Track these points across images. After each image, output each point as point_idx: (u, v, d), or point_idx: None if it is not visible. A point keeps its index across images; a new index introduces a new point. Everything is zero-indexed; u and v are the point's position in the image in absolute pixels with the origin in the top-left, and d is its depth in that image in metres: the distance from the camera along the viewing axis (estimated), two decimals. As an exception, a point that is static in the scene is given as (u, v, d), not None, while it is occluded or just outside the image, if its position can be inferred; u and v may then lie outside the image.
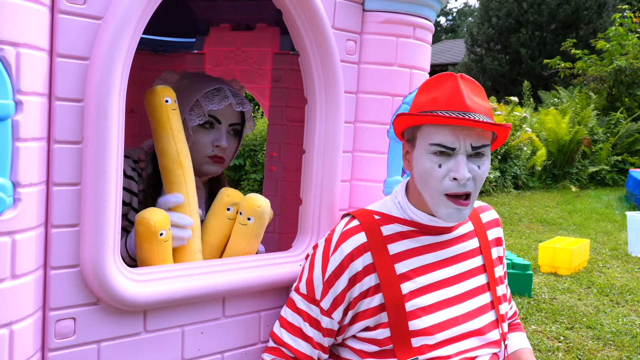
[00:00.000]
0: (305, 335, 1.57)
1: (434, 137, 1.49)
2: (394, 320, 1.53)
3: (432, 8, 1.88)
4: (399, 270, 1.55)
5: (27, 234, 1.21)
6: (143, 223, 1.59)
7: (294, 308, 1.60)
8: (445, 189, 1.50)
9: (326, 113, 1.72)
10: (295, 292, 1.61)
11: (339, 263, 1.54)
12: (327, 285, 1.56)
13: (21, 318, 1.22)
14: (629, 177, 9.92)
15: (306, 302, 1.58)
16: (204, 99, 1.91)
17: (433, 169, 1.49)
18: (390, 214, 1.61)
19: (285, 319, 1.60)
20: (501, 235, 1.79)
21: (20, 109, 1.16)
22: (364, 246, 1.54)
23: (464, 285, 1.64)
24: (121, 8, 1.30)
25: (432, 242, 1.61)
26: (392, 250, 1.56)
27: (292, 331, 1.58)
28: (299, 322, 1.58)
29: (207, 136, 1.93)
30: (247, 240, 1.75)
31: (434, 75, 1.59)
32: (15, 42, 1.14)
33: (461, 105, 1.47)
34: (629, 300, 4.95)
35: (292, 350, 1.57)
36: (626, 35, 13.13)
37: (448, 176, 1.49)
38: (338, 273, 1.55)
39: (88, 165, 1.30)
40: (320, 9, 1.63)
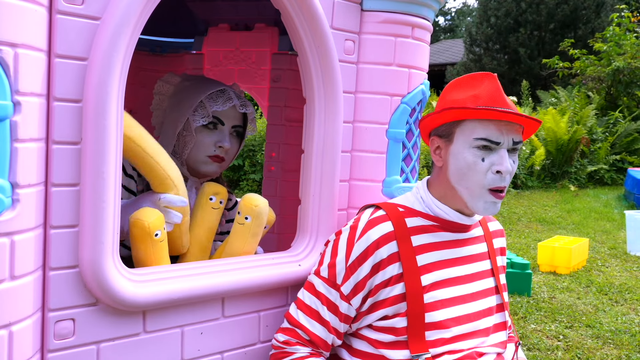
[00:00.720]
0: (322, 319, 1.58)
1: (478, 131, 1.53)
2: (413, 310, 1.55)
3: (431, 8, 1.88)
4: (420, 262, 1.58)
5: (25, 234, 1.21)
6: (137, 224, 1.59)
7: (312, 291, 1.61)
8: (488, 183, 1.54)
9: (325, 113, 1.72)
10: (315, 275, 1.62)
11: (364, 249, 1.56)
12: (350, 271, 1.57)
13: (20, 319, 1.21)
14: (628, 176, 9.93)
15: (326, 285, 1.59)
16: (208, 100, 1.92)
17: (476, 163, 1.54)
18: (413, 208, 1.65)
19: (303, 301, 1.61)
20: (504, 245, 1.84)
21: (18, 109, 1.16)
22: (390, 235, 1.57)
23: (475, 285, 1.67)
24: (119, 8, 1.29)
25: (451, 238, 1.65)
26: (415, 242, 1.59)
27: (309, 313, 1.59)
28: (317, 305, 1.59)
29: (210, 137, 1.93)
30: (245, 240, 1.75)
31: (465, 75, 1.64)
32: (13, 43, 1.14)
33: (503, 103, 1.54)
34: (628, 299, 4.95)
35: (308, 332, 1.58)
36: (624, 35, 13.12)
37: (491, 170, 1.54)
38: (362, 259, 1.56)
39: (87, 165, 1.29)
40: (319, 9, 1.63)
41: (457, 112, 1.55)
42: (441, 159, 1.62)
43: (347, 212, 1.83)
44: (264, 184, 2.80)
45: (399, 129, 1.82)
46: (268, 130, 2.73)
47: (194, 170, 1.99)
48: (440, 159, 1.62)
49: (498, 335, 1.68)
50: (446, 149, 1.60)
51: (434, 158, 1.64)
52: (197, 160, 1.95)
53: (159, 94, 2.05)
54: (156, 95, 2.06)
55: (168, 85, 2.04)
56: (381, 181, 1.83)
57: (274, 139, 2.73)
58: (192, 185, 2.01)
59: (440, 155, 1.62)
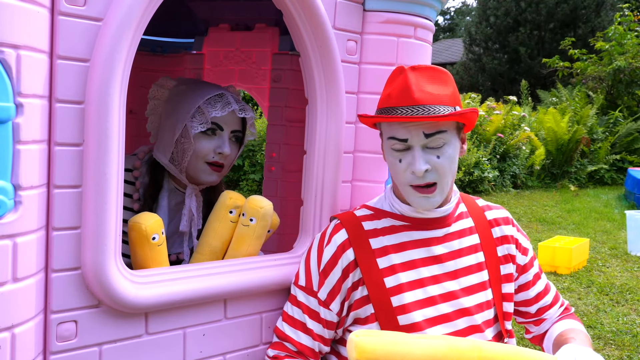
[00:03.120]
0: (306, 328, 1.59)
1: (387, 131, 1.58)
2: (382, 313, 1.55)
3: (433, 8, 1.88)
4: (382, 264, 1.58)
5: (28, 236, 1.20)
6: (135, 228, 1.59)
7: (294, 302, 1.63)
8: (408, 182, 1.56)
9: (327, 113, 1.71)
10: (294, 285, 1.64)
11: (333, 254, 1.59)
12: (323, 275, 1.59)
13: (23, 321, 1.21)
14: (628, 176, 9.92)
15: (305, 294, 1.61)
16: (206, 105, 1.87)
17: (395, 164, 1.57)
18: (382, 209, 1.66)
19: (287, 313, 1.63)
20: (511, 233, 1.76)
21: (20, 111, 1.16)
22: (346, 242, 1.59)
23: (460, 282, 1.63)
24: (121, 9, 1.29)
25: (424, 237, 1.62)
26: (375, 244, 1.59)
27: (292, 324, 1.61)
28: (299, 315, 1.61)
29: (209, 143, 1.89)
30: (249, 242, 1.75)
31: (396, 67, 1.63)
32: (16, 44, 1.13)
33: (409, 100, 1.52)
34: (629, 300, 4.95)
35: (295, 344, 1.59)
36: (626, 34, 13.12)
37: (408, 170, 1.55)
38: (332, 263, 1.58)
39: (89, 167, 1.29)
40: (321, 9, 1.63)
41: (362, 119, 1.62)
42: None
43: (349, 213, 1.82)
44: (264, 185, 2.80)
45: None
46: (268, 130, 2.73)
47: (192, 178, 1.94)
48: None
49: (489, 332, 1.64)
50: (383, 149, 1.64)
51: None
52: (197, 168, 1.90)
53: (154, 99, 2.00)
54: (151, 100, 2.00)
55: (163, 90, 1.99)
56: (383, 182, 1.82)
57: (274, 139, 2.73)
58: (191, 193, 1.96)
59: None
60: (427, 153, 1.53)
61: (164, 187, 1.98)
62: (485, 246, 1.70)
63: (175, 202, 1.99)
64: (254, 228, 1.74)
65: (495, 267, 1.69)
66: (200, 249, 1.80)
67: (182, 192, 1.99)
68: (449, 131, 1.55)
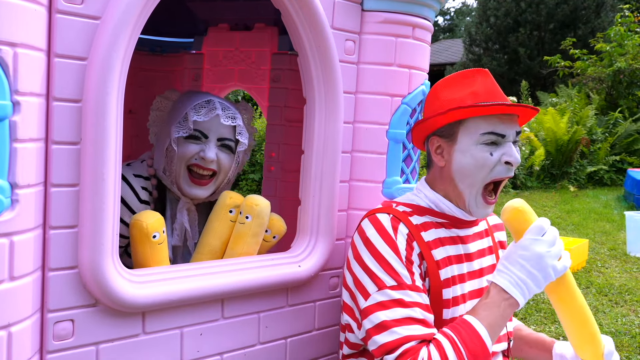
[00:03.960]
0: (417, 320, 1.46)
1: (483, 127, 1.55)
2: (434, 305, 1.56)
3: (432, 8, 1.88)
4: (435, 256, 1.58)
5: (25, 235, 1.20)
6: (136, 225, 1.60)
7: (391, 304, 1.47)
8: (495, 175, 1.57)
9: (325, 113, 1.71)
10: (380, 292, 1.48)
11: (406, 242, 1.54)
12: (409, 265, 1.51)
13: (19, 320, 1.21)
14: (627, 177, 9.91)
15: (400, 291, 1.48)
16: (191, 111, 1.83)
17: (486, 158, 1.55)
18: (420, 205, 1.65)
19: (388, 321, 1.46)
20: (504, 240, 1.85)
21: (17, 109, 1.16)
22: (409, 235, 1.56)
23: (482, 281, 1.68)
24: (119, 8, 1.29)
25: (458, 234, 1.65)
26: (426, 238, 1.59)
27: (403, 323, 1.45)
28: (407, 313, 1.46)
29: (192, 147, 1.83)
30: (245, 240, 1.75)
31: (455, 73, 1.64)
32: (13, 42, 1.13)
33: (501, 96, 1.58)
34: (628, 300, 4.95)
35: (415, 338, 1.44)
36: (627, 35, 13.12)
37: (500, 161, 1.56)
38: (410, 250, 1.53)
39: (86, 166, 1.29)
40: (319, 8, 1.63)
41: (464, 111, 1.55)
42: (443, 159, 1.62)
43: (347, 213, 1.82)
44: (263, 184, 2.80)
45: (399, 129, 1.81)
46: (268, 130, 2.73)
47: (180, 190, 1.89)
48: (442, 159, 1.62)
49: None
50: (449, 148, 1.60)
51: (436, 158, 1.63)
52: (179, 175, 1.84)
53: (157, 110, 1.95)
54: (153, 111, 1.96)
55: (167, 102, 1.95)
56: (381, 182, 1.82)
57: (273, 139, 2.73)
58: (182, 207, 1.91)
59: (443, 155, 1.62)
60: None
61: (167, 197, 1.96)
62: (495, 249, 1.76)
63: (174, 214, 1.97)
64: (250, 225, 1.74)
65: None
66: (200, 248, 1.80)
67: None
68: None
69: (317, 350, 1.81)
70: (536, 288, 1.47)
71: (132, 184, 1.85)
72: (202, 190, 1.87)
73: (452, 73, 1.66)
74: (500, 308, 1.46)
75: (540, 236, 1.49)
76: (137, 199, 1.84)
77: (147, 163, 1.94)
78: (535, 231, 1.49)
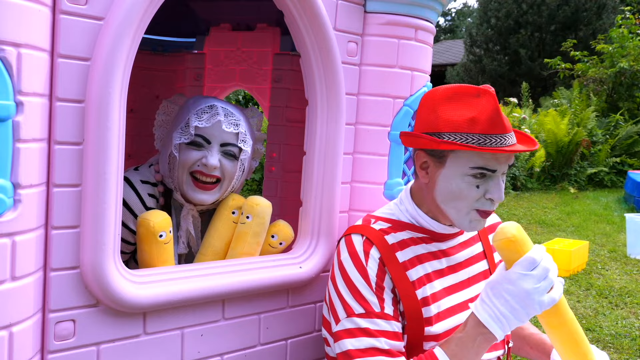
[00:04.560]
0: (383, 350, 1.47)
1: (475, 160, 1.48)
2: (412, 325, 1.53)
3: (434, 10, 1.88)
4: (412, 277, 1.55)
5: (27, 235, 1.20)
6: (143, 224, 1.60)
7: (359, 333, 1.48)
8: (477, 206, 1.51)
9: (327, 115, 1.71)
10: (350, 318, 1.49)
11: (378, 267, 1.51)
12: (380, 292, 1.50)
13: (21, 320, 1.21)
14: (628, 179, 9.91)
15: (368, 320, 1.48)
16: (194, 117, 1.79)
17: (470, 190, 1.50)
18: (400, 220, 1.61)
19: (354, 350, 1.47)
20: None
21: (21, 109, 1.16)
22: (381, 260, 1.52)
23: (472, 290, 1.66)
24: (123, 9, 1.29)
25: (440, 248, 1.63)
26: (402, 257, 1.55)
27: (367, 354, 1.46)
28: (372, 342, 1.47)
29: (194, 154, 1.79)
30: (245, 240, 1.75)
31: (457, 86, 1.53)
32: (17, 43, 1.13)
33: (502, 128, 1.46)
34: (628, 303, 4.95)
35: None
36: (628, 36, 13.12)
37: (484, 196, 1.50)
38: (381, 276, 1.51)
39: (89, 166, 1.29)
40: (322, 10, 1.63)
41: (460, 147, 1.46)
42: (427, 176, 1.55)
43: (348, 215, 1.82)
44: (264, 185, 2.80)
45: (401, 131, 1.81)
46: (269, 130, 2.73)
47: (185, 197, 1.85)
48: (426, 176, 1.56)
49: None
50: (436, 169, 1.53)
51: (420, 173, 1.57)
52: (182, 181, 1.80)
53: (163, 114, 1.91)
54: (159, 115, 1.92)
55: (173, 106, 1.91)
56: (383, 183, 1.82)
57: (275, 140, 2.73)
58: (187, 213, 1.87)
59: (427, 172, 1.55)
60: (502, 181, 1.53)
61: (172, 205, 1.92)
62: (487, 253, 1.73)
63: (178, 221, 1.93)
64: (250, 225, 1.74)
65: None
66: (203, 249, 1.80)
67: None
68: None
69: (318, 352, 1.81)
70: (518, 322, 1.42)
71: (138, 190, 1.82)
72: (207, 195, 1.81)
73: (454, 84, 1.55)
74: (476, 343, 1.42)
75: (529, 271, 1.40)
76: (143, 206, 1.81)
77: (154, 169, 1.90)
78: (525, 265, 1.40)
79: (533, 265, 1.41)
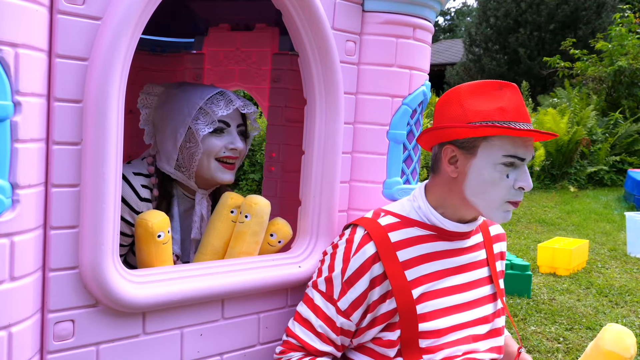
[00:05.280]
0: (316, 331, 1.57)
1: (507, 148, 1.51)
2: (405, 322, 1.54)
3: (432, 9, 1.88)
4: (410, 276, 1.56)
5: (25, 235, 1.20)
6: (141, 224, 1.61)
7: (310, 304, 1.60)
8: (509, 197, 1.53)
9: (326, 114, 1.71)
10: (312, 288, 1.61)
11: (361, 264, 1.54)
12: (347, 286, 1.55)
13: (20, 320, 1.21)
14: (628, 177, 9.92)
15: (324, 299, 1.58)
16: (209, 105, 1.85)
17: (501, 179, 1.51)
18: (409, 217, 1.62)
19: (300, 314, 1.61)
20: (505, 250, 1.83)
21: (19, 110, 1.16)
22: (375, 255, 1.54)
23: (471, 294, 1.66)
24: (120, 8, 1.29)
25: (446, 248, 1.63)
26: (402, 257, 1.56)
27: (305, 325, 1.59)
28: (314, 319, 1.58)
29: (219, 140, 1.87)
30: (244, 239, 1.75)
31: (482, 82, 1.57)
32: (14, 43, 1.13)
33: (526, 117, 1.52)
34: (628, 301, 4.94)
35: (302, 342, 1.58)
36: (627, 35, 13.11)
37: (513, 185, 1.52)
38: (359, 274, 1.54)
39: (87, 166, 1.29)
40: (320, 9, 1.63)
41: (497, 130, 1.48)
42: (457, 170, 1.56)
43: (347, 214, 1.82)
44: (264, 184, 2.80)
45: (399, 130, 1.81)
46: (268, 130, 2.73)
47: (205, 181, 1.92)
48: (455, 170, 1.56)
49: (494, 341, 1.68)
50: (466, 161, 1.54)
51: (448, 168, 1.57)
52: (210, 167, 1.87)
53: (144, 108, 1.95)
54: (142, 109, 1.95)
55: (151, 97, 1.94)
56: (382, 182, 1.82)
57: (274, 139, 2.73)
58: (201, 198, 1.95)
59: (457, 167, 1.56)
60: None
61: (174, 194, 1.96)
62: (490, 261, 1.73)
63: (185, 209, 1.98)
64: (249, 224, 1.74)
65: (496, 282, 1.73)
66: (202, 249, 1.80)
67: (191, 199, 1.98)
68: None
69: (317, 351, 1.81)
70: None
71: (131, 182, 1.85)
72: (231, 175, 1.92)
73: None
74: None
75: None
76: (137, 197, 1.84)
77: (147, 161, 1.94)
78: None
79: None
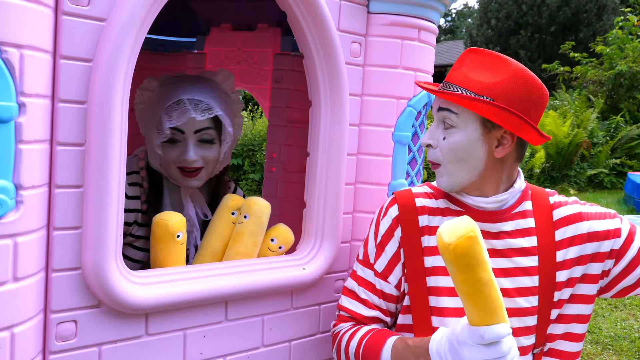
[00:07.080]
0: (360, 298, 1.61)
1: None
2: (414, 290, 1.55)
3: (437, 10, 1.88)
4: (425, 242, 1.56)
5: (29, 236, 1.20)
6: (161, 224, 1.62)
7: (353, 275, 1.65)
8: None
9: (331, 116, 1.71)
10: (356, 260, 1.67)
11: (389, 225, 1.59)
12: (380, 248, 1.60)
13: (22, 321, 1.20)
14: (628, 180, 9.91)
15: (362, 267, 1.63)
16: (164, 115, 1.82)
17: None
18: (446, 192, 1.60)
19: (346, 287, 1.66)
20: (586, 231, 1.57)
21: (23, 111, 1.15)
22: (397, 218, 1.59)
23: (501, 282, 1.51)
24: (125, 9, 1.28)
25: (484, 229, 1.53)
26: (421, 222, 1.57)
27: (350, 295, 1.63)
28: (356, 287, 1.62)
29: (172, 151, 1.86)
30: (242, 239, 1.74)
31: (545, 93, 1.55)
32: (19, 44, 1.13)
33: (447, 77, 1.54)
34: (627, 305, 4.94)
35: (350, 312, 1.62)
36: (627, 38, 13.11)
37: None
38: (389, 235, 1.59)
39: (91, 167, 1.28)
40: (325, 11, 1.62)
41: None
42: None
43: (352, 216, 1.82)
44: (264, 185, 2.80)
45: (404, 132, 1.81)
46: (269, 130, 2.73)
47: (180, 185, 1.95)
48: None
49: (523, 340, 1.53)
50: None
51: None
52: (172, 174, 1.89)
53: (140, 104, 1.94)
54: (137, 105, 1.95)
55: (148, 93, 1.94)
56: (387, 184, 1.82)
57: (275, 140, 2.73)
58: (186, 193, 1.97)
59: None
60: (439, 129, 1.53)
61: (164, 185, 1.99)
62: (542, 250, 1.56)
63: (178, 198, 2.01)
64: (247, 225, 1.74)
65: (549, 273, 1.55)
66: (202, 250, 1.80)
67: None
68: (461, 116, 1.48)
69: (321, 354, 1.80)
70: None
71: None
72: (196, 181, 1.90)
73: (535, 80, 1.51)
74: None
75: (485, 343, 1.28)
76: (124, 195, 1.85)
77: (139, 155, 1.97)
78: (486, 338, 1.28)
79: (498, 341, 1.29)
